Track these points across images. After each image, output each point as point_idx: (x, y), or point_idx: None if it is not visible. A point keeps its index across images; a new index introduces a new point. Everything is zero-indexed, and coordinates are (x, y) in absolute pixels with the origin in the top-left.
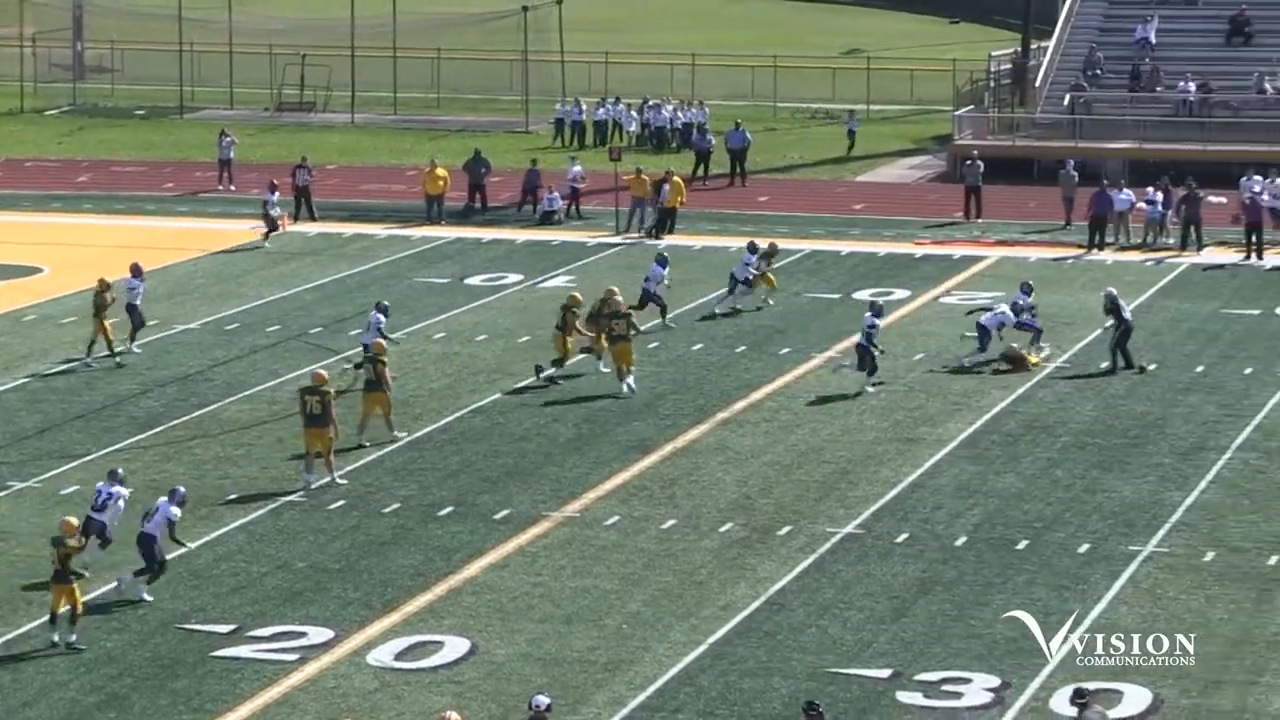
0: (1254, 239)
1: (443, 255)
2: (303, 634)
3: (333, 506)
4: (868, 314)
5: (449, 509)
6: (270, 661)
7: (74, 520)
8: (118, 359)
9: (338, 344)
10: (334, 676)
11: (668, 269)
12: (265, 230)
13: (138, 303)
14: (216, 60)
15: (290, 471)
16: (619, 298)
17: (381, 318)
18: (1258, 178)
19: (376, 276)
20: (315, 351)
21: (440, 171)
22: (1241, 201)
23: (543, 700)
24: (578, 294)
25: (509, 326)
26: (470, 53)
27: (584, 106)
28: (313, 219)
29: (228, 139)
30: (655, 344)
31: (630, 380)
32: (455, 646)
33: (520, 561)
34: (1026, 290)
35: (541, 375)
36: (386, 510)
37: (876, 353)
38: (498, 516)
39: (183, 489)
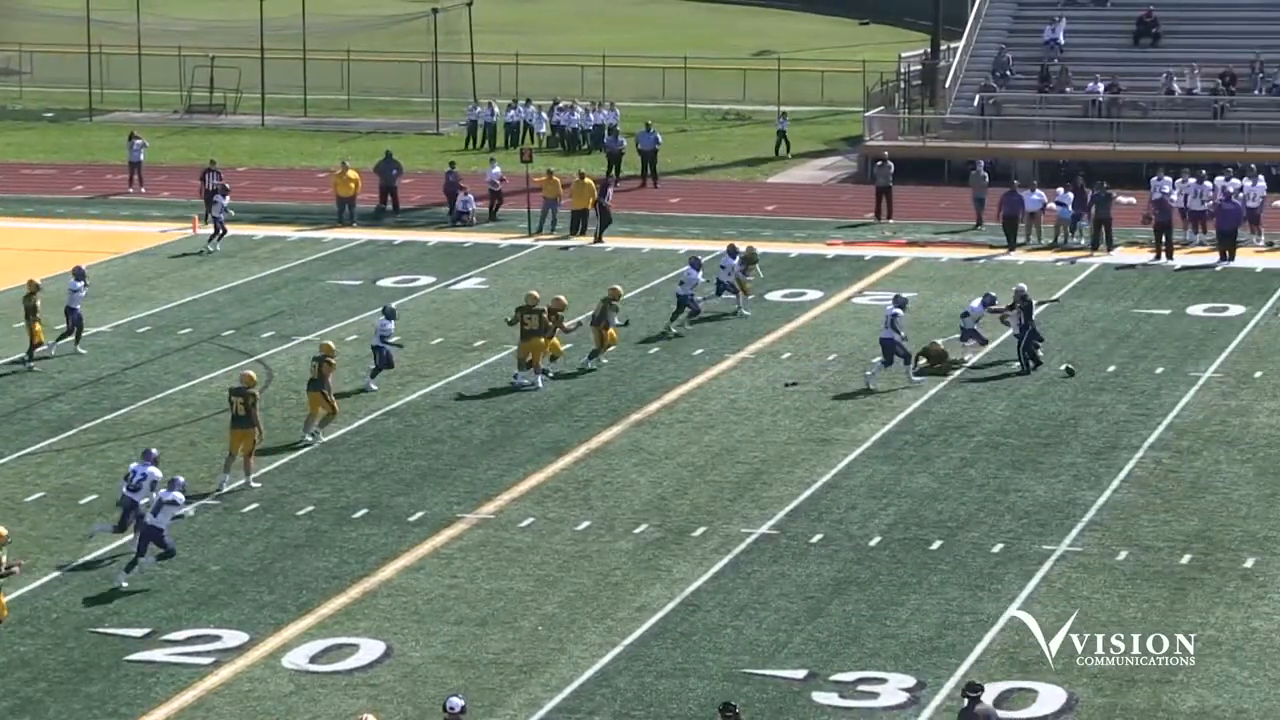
0: (1164, 239)
1: (354, 257)
2: (217, 637)
3: (247, 509)
4: (890, 307)
5: (363, 511)
6: (185, 665)
7: (2, 530)
8: (30, 365)
9: (250, 347)
10: (249, 680)
11: (701, 272)
12: (215, 234)
13: (78, 306)
14: (125, 63)
15: (204, 474)
16: (552, 298)
17: (389, 323)
18: (1168, 178)
19: (288, 279)
20: (228, 353)
21: (351, 173)
22: (1151, 201)
23: (457, 703)
24: (562, 297)
25: (422, 328)
26: (380, 55)
27: (495, 109)
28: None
29: (137, 141)
30: (569, 345)
31: (538, 378)
32: (370, 649)
33: (435, 564)
34: (986, 302)
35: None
36: (301, 513)
37: (900, 338)
38: (412, 519)
39: (183, 478)
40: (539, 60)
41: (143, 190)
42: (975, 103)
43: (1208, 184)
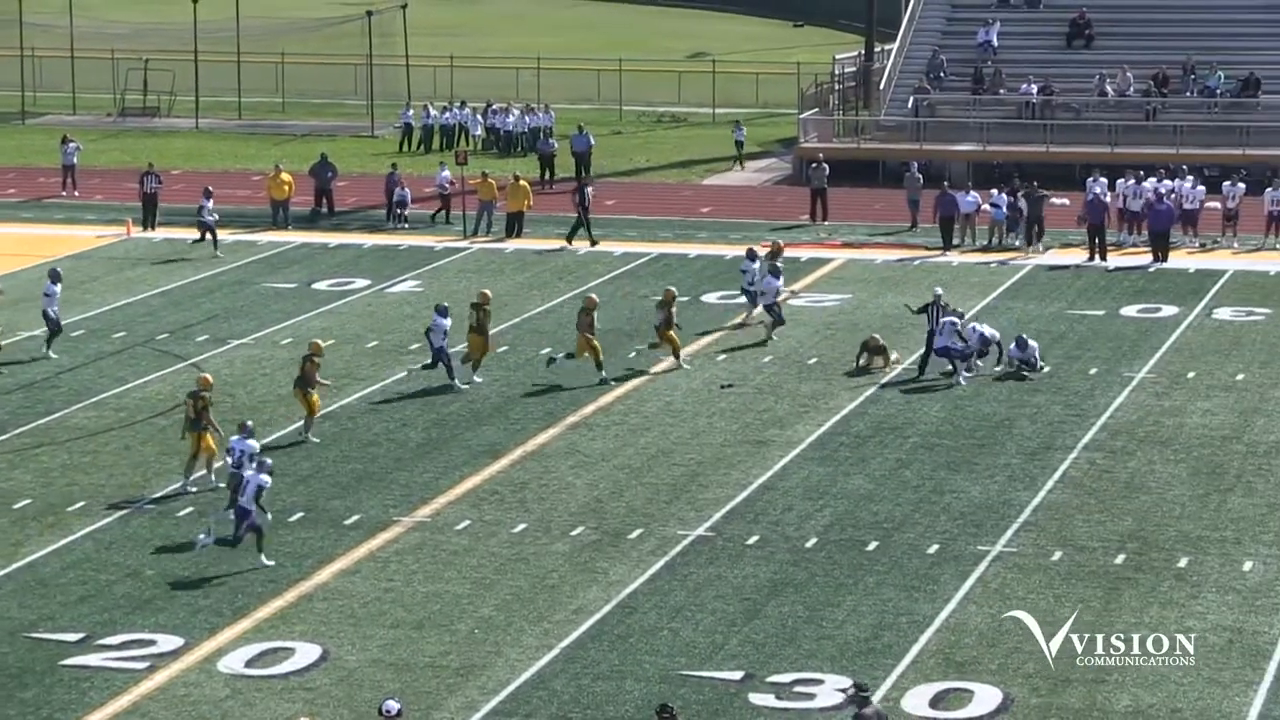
0: (1097, 240)
1: (289, 260)
2: (152, 642)
3: (181, 514)
4: (945, 316)
5: (299, 514)
6: (120, 670)
7: None
8: None
9: (184, 350)
10: (184, 684)
11: (782, 279)
12: (200, 237)
13: (52, 310)
14: (58, 65)
15: (138, 478)
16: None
17: (445, 321)
18: (1103, 179)
19: (223, 282)
20: (162, 357)
21: (285, 176)
22: (1085, 203)
23: (393, 706)
24: (594, 296)
25: (357, 331)
26: (314, 57)
27: (432, 111)
28: (153, 227)
29: (71, 144)
30: (504, 348)
31: (475, 375)
32: (306, 653)
33: (371, 567)
34: (1020, 344)
35: (551, 365)
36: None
37: (962, 344)
38: (348, 522)
39: (269, 460)
40: (474, 63)
41: (76, 194)
42: (909, 104)
43: (1146, 184)
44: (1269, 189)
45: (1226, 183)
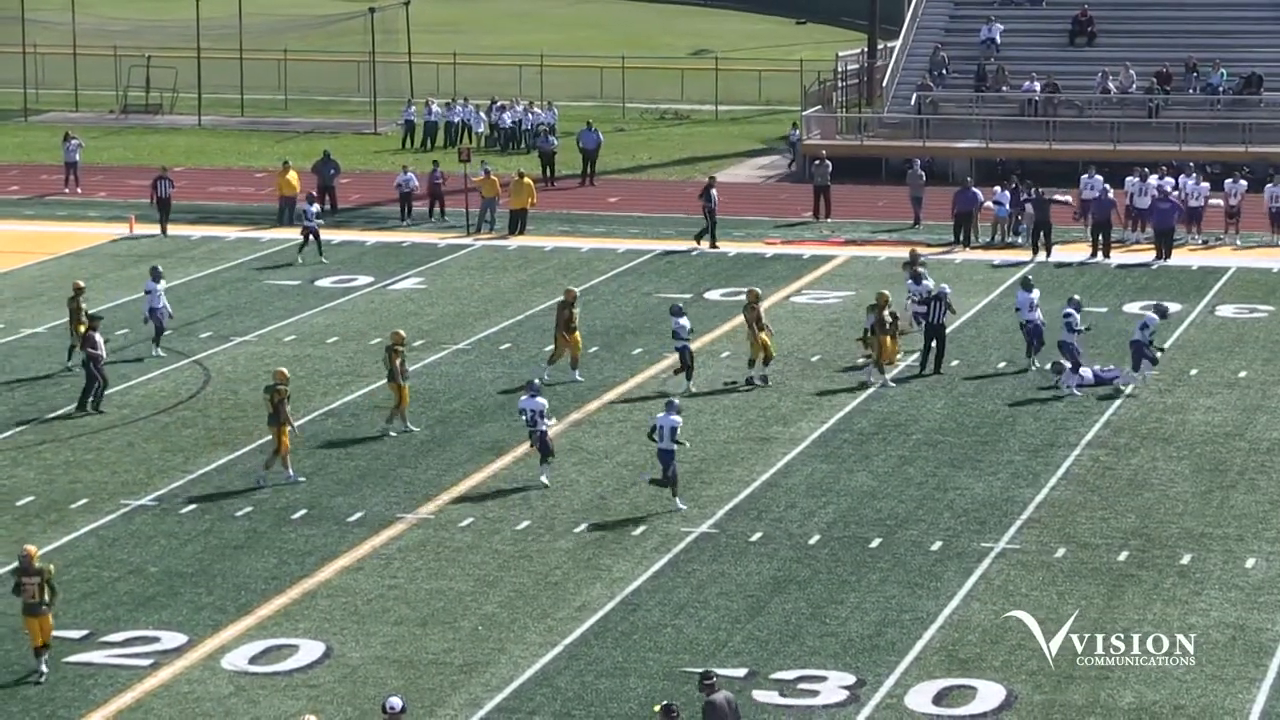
0: (1099, 238)
1: (292, 257)
2: (156, 639)
3: (184, 510)
4: (1149, 315)
5: (302, 512)
6: (123, 667)
7: (34, 548)
8: (70, 366)
9: (188, 347)
10: (188, 681)
11: (1036, 292)
12: (303, 243)
13: (158, 306)
14: (61, 63)
15: (142, 475)
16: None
17: (684, 321)
18: (1099, 176)
19: (225, 279)
20: (165, 354)
21: (293, 175)
22: (1084, 201)
23: (396, 703)
24: (757, 289)
25: (360, 329)
26: (317, 54)
27: (436, 108)
28: (165, 231)
29: (73, 141)
30: (507, 345)
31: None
32: (310, 650)
33: (375, 564)
34: (1076, 306)
35: (752, 380)
36: (239, 514)
37: (1156, 352)
38: (351, 519)
39: (677, 399)
40: (476, 60)
41: (79, 191)
42: (912, 102)
43: (1151, 181)
44: (1270, 185)
45: (1229, 180)
